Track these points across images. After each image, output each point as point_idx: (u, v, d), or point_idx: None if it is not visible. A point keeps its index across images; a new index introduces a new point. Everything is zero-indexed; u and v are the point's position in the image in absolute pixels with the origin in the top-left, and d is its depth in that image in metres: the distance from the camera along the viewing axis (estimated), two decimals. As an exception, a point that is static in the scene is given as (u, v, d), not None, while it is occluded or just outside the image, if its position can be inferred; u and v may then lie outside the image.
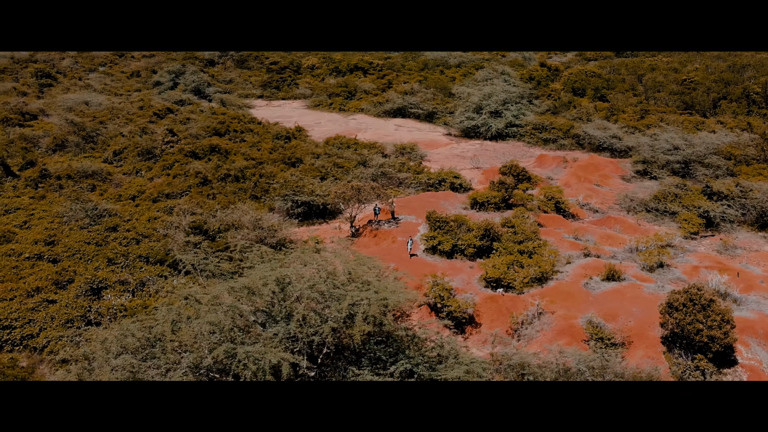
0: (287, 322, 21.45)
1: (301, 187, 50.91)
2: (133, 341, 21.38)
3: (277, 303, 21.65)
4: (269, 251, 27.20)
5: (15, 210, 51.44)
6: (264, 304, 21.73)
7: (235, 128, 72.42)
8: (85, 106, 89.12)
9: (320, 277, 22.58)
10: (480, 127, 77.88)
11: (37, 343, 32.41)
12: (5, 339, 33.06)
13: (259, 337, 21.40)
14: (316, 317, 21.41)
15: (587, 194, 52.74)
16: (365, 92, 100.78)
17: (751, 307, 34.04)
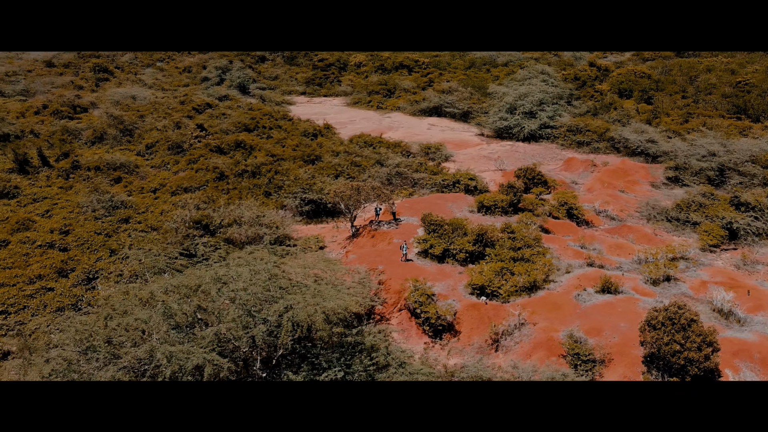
0: (221, 322, 21.37)
1: (311, 185, 50.96)
2: (72, 335, 21.80)
3: (211, 303, 21.59)
4: (233, 250, 27.28)
5: (42, 199, 53.79)
6: (198, 304, 21.70)
7: (264, 124, 73.35)
8: (132, 100, 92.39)
9: (259, 280, 22.38)
10: (513, 128, 75.96)
11: (27, 329, 33.72)
12: (0, 324, 34.60)
13: (193, 336, 21.42)
14: (250, 320, 21.23)
15: (607, 201, 50.46)
16: (405, 90, 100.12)
17: (755, 329, 31.70)
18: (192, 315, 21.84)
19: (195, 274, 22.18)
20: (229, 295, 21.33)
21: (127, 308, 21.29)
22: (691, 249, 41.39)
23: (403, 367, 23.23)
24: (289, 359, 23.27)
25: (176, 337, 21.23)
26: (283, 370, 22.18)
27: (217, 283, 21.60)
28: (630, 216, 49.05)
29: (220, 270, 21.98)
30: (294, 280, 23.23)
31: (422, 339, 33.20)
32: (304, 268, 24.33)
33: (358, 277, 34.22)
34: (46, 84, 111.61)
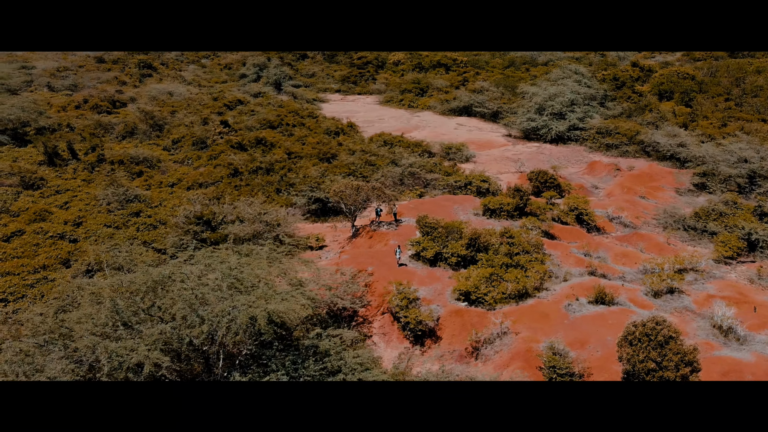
0: (165, 321, 21.41)
1: (319, 184, 50.91)
2: (30, 326, 22.26)
3: (158, 301, 21.65)
4: (206, 248, 27.38)
5: (65, 191, 55.58)
6: (144, 302, 21.80)
7: (288, 122, 73.83)
8: (168, 96, 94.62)
9: (209, 279, 22.31)
10: (540, 129, 74.12)
11: (20, 319, 34.80)
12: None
13: (139, 334, 21.53)
14: (197, 319, 21.19)
15: (623, 207, 48.52)
16: (437, 89, 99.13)
17: (754, 348, 29.83)
18: (145, 312, 21.95)
19: (148, 271, 22.31)
20: (178, 294, 21.33)
21: (82, 302, 21.62)
22: (703, 260, 39.29)
23: (353, 373, 22.78)
24: (243, 361, 23.18)
25: (125, 333, 21.38)
26: (235, 371, 22.07)
27: (166, 281, 21.65)
28: (645, 223, 47.02)
29: (166, 270, 22.00)
30: (249, 280, 23.05)
31: (403, 344, 32.63)
32: (260, 269, 24.11)
33: (341, 279, 33.92)
34: (93, 79, 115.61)
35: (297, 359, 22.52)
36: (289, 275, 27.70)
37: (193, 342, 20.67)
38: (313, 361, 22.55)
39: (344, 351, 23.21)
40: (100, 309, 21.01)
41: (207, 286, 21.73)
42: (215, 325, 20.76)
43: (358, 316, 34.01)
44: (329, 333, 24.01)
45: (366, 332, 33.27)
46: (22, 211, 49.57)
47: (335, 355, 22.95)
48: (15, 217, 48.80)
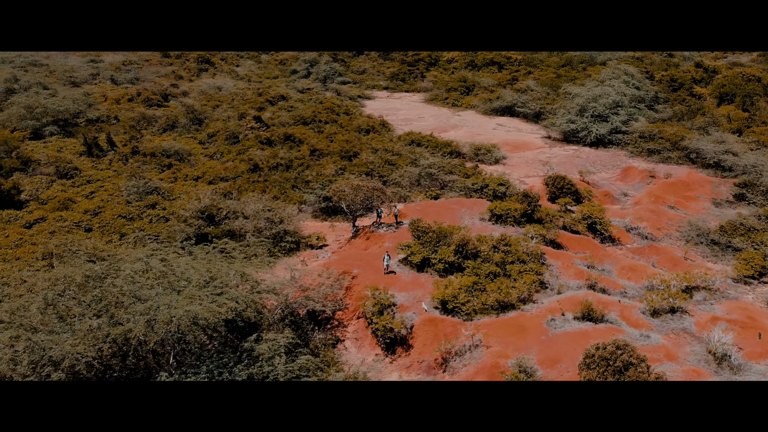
0: (95, 317, 21.58)
1: (331, 182, 50.62)
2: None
3: (88, 296, 21.85)
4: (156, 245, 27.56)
5: (95, 181, 57.80)
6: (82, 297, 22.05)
7: (321, 118, 74.00)
8: (217, 91, 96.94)
9: (141, 278, 22.34)
10: (580, 132, 71.01)
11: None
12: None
13: (72, 329, 21.80)
14: (125, 316, 21.25)
15: (644, 217, 45.64)
16: (483, 88, 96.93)
17: (747, 378, 27.30)
18: (85, 306, 22.19)
19: (86, 266, 22.59)
20: (108, 290, 21.47)
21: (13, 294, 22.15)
22: (718, 278, 36.38)
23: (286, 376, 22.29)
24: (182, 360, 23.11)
25: (59, 327, 21.72)
26: (163, 371, 22.02)
27: (100, 277, 21.85)
28: (667, 236, 44.06)
29: (96, 266, 22.18)
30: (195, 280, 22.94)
31: (374, 350, 31.85)
32: (194, 269, 23.94)
33: (319, 281, 33.49)
34: (153, 73, 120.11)
35: (227, 362, 22.23)
36: (249, 276, 27.43)
37: (117, 341, 20.74)
38: (244, 365, 22.20)
39: (277, 356, 22.67)
40: (32, 301, 21.43)
41: (137, 284, 21.76)
42: (136, 324, 20.72)
43: (334, 320, 33.47)
44: (266, 337, 23.57)
45: (339, 336, 32.70)
46: (50, 199, 51.87)
47: (267, 360, 22.49)
48: (42, 205, 51.15)
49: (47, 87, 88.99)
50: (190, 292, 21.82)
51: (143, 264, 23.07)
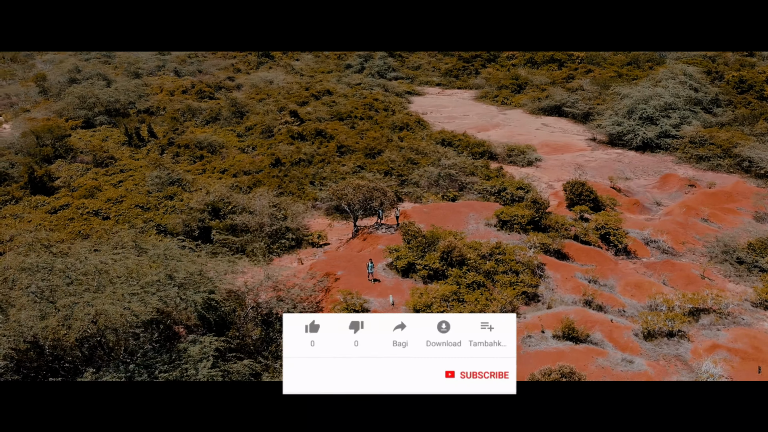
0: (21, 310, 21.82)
1: (344, 179, 49.97)
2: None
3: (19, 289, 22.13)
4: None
5: (128, 170, 59.69)
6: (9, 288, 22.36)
7: (357, 114, 73.44)
8: (268, 84, 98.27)
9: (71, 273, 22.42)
10: (626, 134, 67.05)
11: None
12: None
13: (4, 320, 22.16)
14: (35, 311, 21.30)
15: (669, 229, 42.33)
16: (536, 86, 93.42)
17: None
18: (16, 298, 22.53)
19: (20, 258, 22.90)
20: (37, 284, 21.68)
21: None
22: (732, 301, 33.16)
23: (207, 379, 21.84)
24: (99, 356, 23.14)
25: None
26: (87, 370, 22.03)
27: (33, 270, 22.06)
28: (690, 251, 40.67)
29: (30, 258, 22.40)
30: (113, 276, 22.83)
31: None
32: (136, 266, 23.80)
33: (295, 281, 32.94)
34: (214, 66, 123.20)
35: (153, 362, 22.02)
36: (205, 275, 27.16)
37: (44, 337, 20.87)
38: (169, 366, 21.91)
39: (204, 359, 22.20)
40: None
41: (61, 279, 21.82)
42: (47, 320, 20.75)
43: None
44: (200, 339, 23.18)
45: (310, 339, 31.97)
46: (80, 187, 53.93)
47: (192, 364, 22.10)
48: (72, 192, 53.26)
49: (106, 78, 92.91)
50: (115, 291, 21.63)
51: (76, 260, 23.17)
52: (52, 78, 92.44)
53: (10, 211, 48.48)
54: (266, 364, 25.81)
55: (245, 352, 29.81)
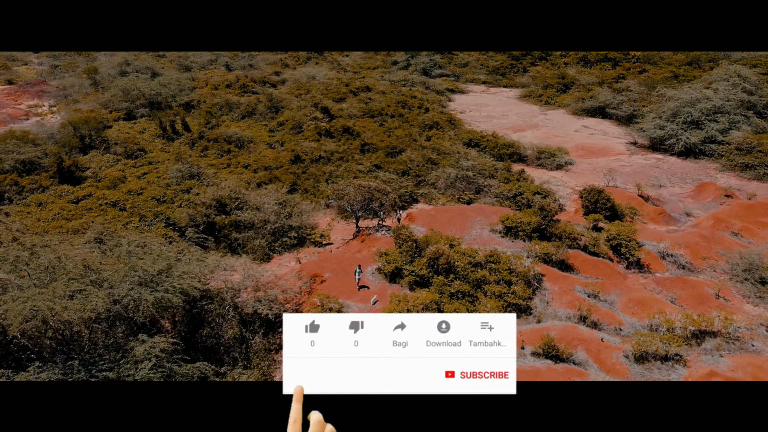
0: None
1: (356, 178, 49.18)
2: None
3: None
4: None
5: (156, 163, 60.89)
6: None
7: (388, 112, 72.48)
8: (310, 80, 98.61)
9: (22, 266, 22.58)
10: (668, 139, 63.34)
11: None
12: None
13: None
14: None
15: (690, 243, 39.45)
16: (582, 86, 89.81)
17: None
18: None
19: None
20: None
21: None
22: (742, 325, 30.47)
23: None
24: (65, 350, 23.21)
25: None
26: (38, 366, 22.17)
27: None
28: (711, 267, 37.74)
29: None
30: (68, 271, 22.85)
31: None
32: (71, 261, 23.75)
33: (272, 282, 32.44)
34: (263, 61, 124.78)
35: (92, 361, 21.93)
36: (171, 272, 26.98)
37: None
38: (108, 365, 21.77)
39: (146, 360, 21.93)
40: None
41: (14, 273, 22.03)
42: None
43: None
44: (148, 339, 22.93)
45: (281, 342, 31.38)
46: (105, 178, 55.35)
47: (133, 364, 21.88)
48: (98, 182, 54.72)
49: (154, 71, 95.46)
50: (56, 288, 21.56)
51: (27, 254, 23.38)
52: (103, 71, 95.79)
53: (36, 199, 50.15)
54: (231, 366, 25.45)
55: (215, 352, 29.61)
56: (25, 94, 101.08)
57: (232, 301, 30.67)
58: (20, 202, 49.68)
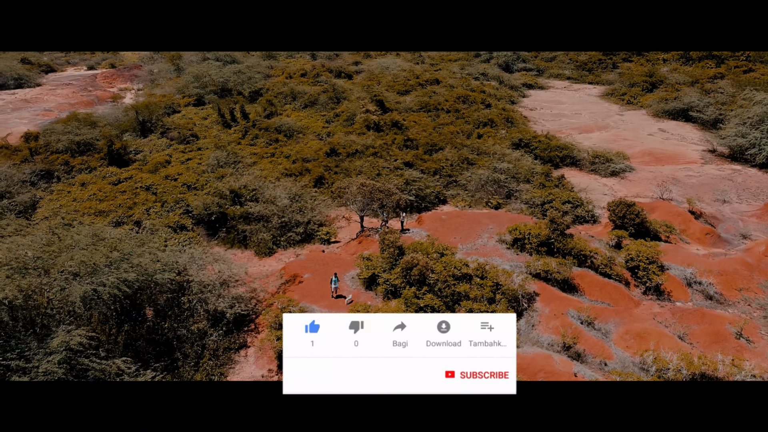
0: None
1: (379, 174, 47.51)
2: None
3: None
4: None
5: (205, 149, 62.26)
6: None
7: (444, 107, 69.82)
8: (384, 70, 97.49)
9: None
10: (750, 148, 56.30)
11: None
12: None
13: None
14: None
15: (726, 270, 34.43)
16: (670, 85, 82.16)
17: None
18: None
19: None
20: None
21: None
22: (753, 372, 26.02)
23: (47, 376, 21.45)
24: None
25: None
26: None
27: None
28: (745, 300, 32.73)
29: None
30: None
31: (271, 365, 29.23)
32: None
33: (242, 280, 31.69)
34: (348, 51, 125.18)
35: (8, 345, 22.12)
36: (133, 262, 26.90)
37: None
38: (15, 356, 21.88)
39: (56, 353, 21.77)
40: None
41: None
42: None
43: (252, 323, 31.43)
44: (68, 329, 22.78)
45: (249, 342, 30.63)
46: (150, 162, 57.19)
47: (42, 356, 21.81)
48: (143, 166, 56.69)
49: (234, 58, 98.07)
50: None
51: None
52: (186, 57, 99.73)
53: (81, 179, 52.67)
54: (182, 362, 25.27)
55: (170, 346, 29.31)
56: (119, 78, 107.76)
57: (198, 296, 30.23)
58: (66, 181, 52.33)
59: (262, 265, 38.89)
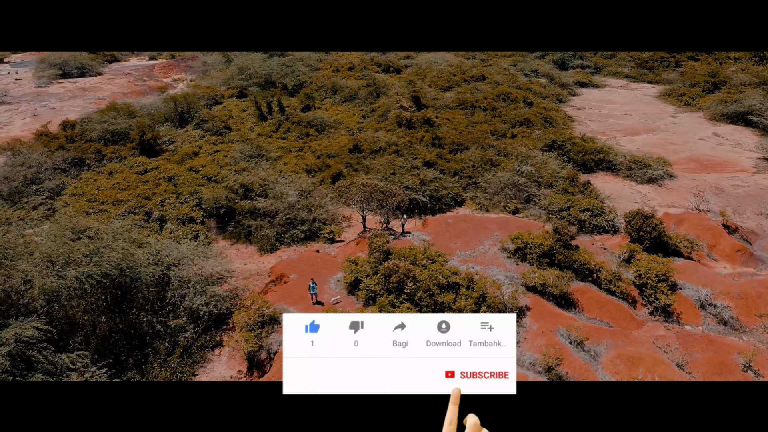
0: None
1: (394, 173, 46.22)
2: None
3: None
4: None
5: (236, 141, 62.65)
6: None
7: (481, 105, 67.49)
8: (430, 65, 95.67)
9: None
10: (808, 158, 51.50)
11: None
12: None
13: None
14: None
15: (747, 294, 31.26)
16: (734, 87, 76.50)
17: None
18: None
19: None
20: None
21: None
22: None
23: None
24: None
25: None
26: None
27: None
28: (764, 327, 29.59)
29: None
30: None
31: (241, 365, 28.68)
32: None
33: (225, 279, 31.25)
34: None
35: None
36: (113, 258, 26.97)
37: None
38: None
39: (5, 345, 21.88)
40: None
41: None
42: None
43: (231, 322, 30.95)
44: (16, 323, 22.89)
45: (224, 341, 30.19)
46: (178, 152, 57.97)
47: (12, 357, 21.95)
48: (171, 156, 57.54)
49: (283, 51, 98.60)
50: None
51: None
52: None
53: (110, 168, 53.98)
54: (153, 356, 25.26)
55: (140, 339, 29.22)
56: (176, 68, 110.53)
57: (177, 291, 30.02)
58: (96, 169, 53.72)
59: (261, 261, 38.47)
